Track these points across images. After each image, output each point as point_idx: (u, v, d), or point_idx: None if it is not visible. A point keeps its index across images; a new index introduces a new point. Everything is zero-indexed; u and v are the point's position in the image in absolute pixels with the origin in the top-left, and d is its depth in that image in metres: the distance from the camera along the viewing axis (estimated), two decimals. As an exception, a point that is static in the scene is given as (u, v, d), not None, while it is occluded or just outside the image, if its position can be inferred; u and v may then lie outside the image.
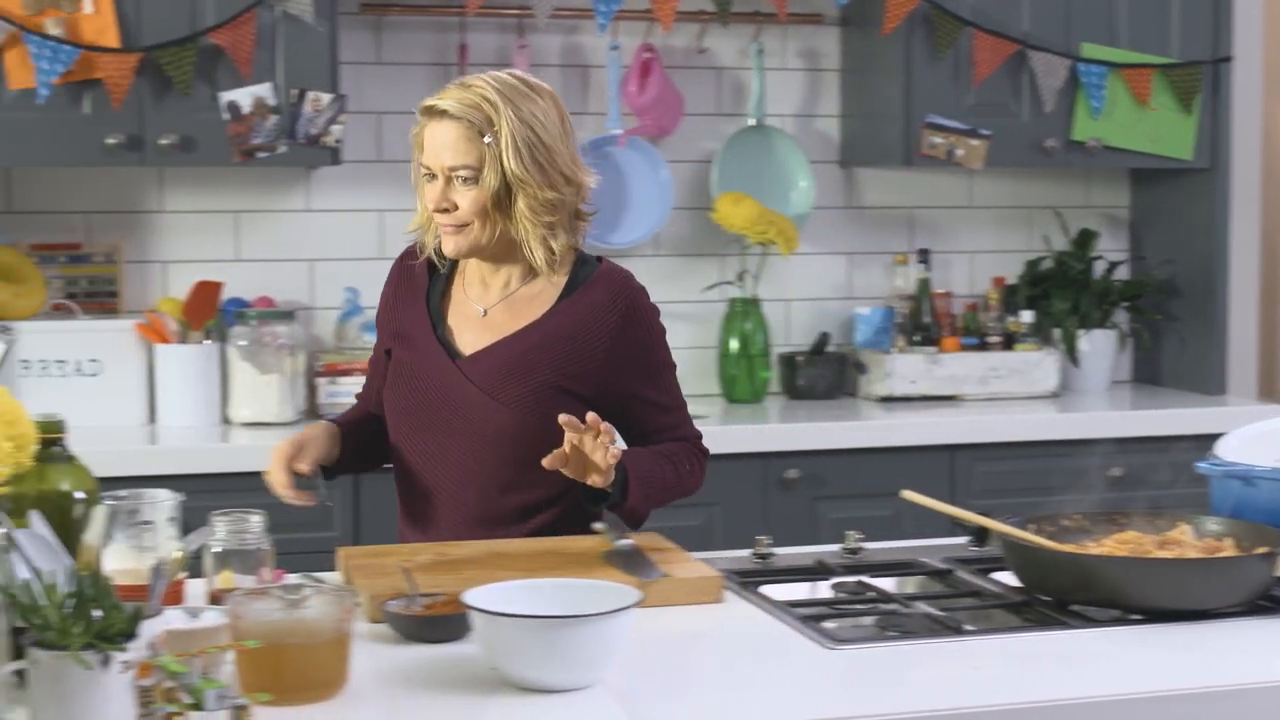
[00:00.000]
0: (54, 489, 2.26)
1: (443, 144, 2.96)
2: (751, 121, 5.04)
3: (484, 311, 3.07)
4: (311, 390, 4.64)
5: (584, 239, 3.10)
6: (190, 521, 2.58)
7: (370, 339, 4.66)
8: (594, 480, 2.87)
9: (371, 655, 2.37)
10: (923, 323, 5.06)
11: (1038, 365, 5.07)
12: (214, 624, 2.29)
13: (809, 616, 2.63)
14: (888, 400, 4.97)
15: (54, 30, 4.13)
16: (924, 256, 5.09)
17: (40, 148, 4.25)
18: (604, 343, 3.04)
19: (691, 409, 4.81)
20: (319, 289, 4.81)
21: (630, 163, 4.94)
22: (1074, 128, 4.95)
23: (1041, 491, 4.31)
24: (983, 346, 5.08)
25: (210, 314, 4.47)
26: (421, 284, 3.12)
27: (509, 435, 2.98)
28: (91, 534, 2.26)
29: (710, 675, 2.38)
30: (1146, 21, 4.98)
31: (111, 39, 4.20)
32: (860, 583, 2.87)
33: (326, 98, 4.37)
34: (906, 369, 4.96)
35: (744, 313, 4.98)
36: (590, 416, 2.81)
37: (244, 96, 4.32)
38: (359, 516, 4.27)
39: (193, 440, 4.34)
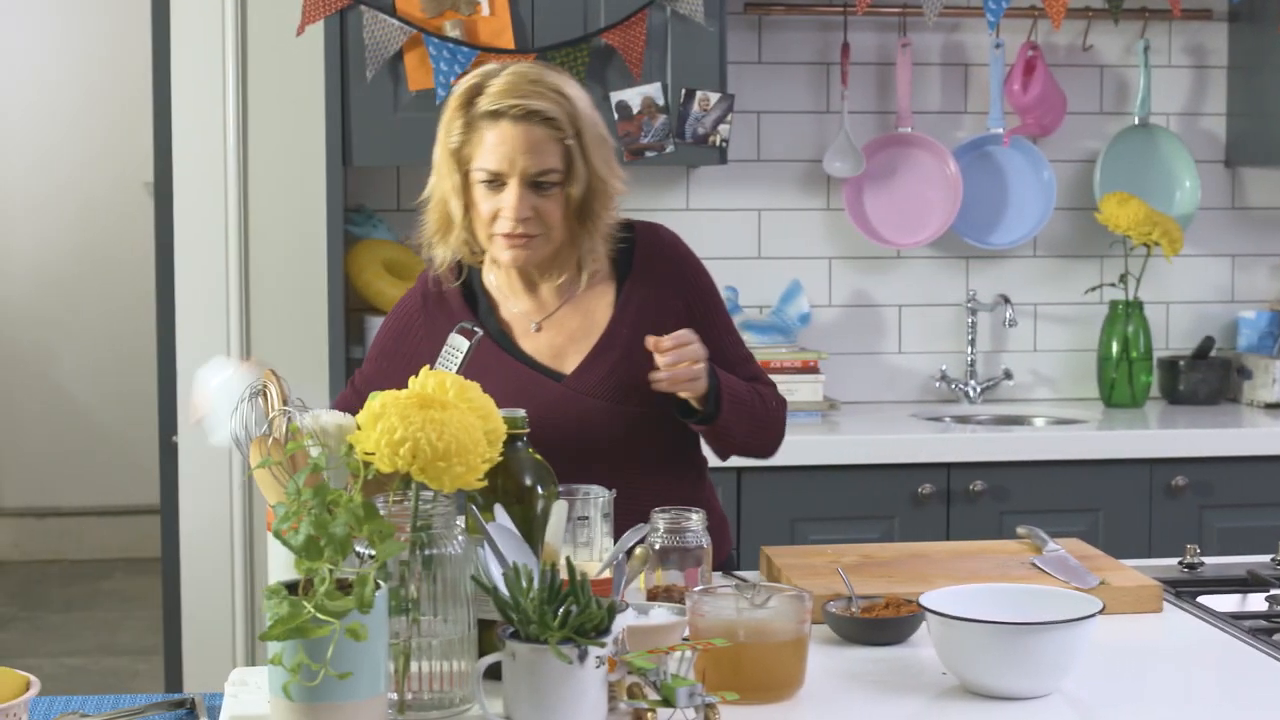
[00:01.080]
0: (518, 484, 2.28)
1: (521, 146, 2.74)
2: (1136, 120, 4.92)
3: (536, 326, 2.91)
4: (690, 389, 4.65)
5: None
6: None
7: (749, 337, 4.68)
8: (686, 391, 2.74)
9: (815, 655, 2.35)
10: (1312, 327, 4.89)
11: None
12: (668, 621, 2.30)
13: (1257, 630, 2.55)
14: (1274, 407, 4.82)
15: (452, 32, 4.21)
16: (1315, 259, 4.93)
17: (436, 147, 4.34)
18: (679, 299, 2.96)
19: (1070, 412, 4.80)
20: (696, 288, 4.83)
21: (1011, 162, 4.87)
22: None
23: None
24: (1372, 352, 4.90)
25: (596, 312, 4.52)
26: (461, 310, 2.91)
27: (649, 432, 2.87)
28: (552, 529, 2.28)
29: (1169, 689, 2.32)
30: None
31: (507, 40, 4.26)
32: (1300, 596, 2.78)
33: (714, 97, 4.38)
34: (1284, 376, 4.81)
35: (1125, 315, 4.86)
36: (683, 334, 2.72)
37: (633, 96, 4.35)
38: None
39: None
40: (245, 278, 4.65)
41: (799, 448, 4.33)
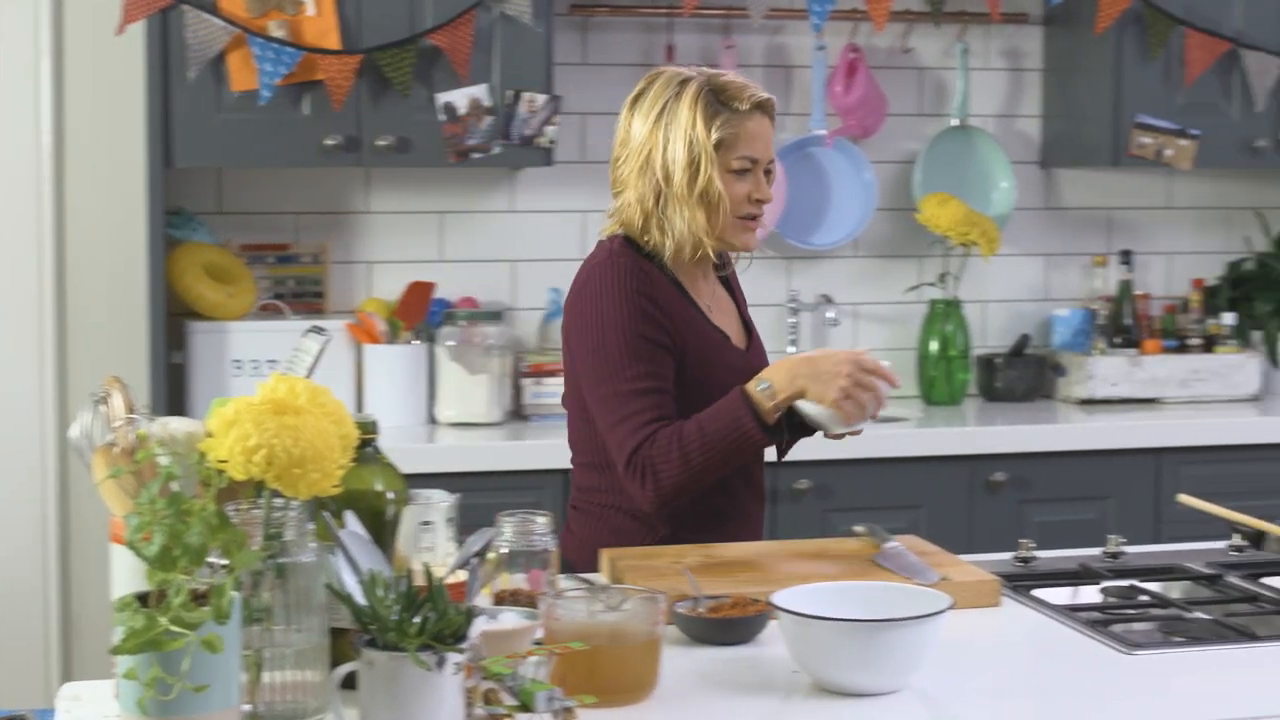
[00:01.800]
0: (369, 489, 2.26)
1: (767, 137, 3.02)
2: (954, 122, 5.00)
3: (708, 307, 3.08)
4: (517, 391, 4.65)
5: None
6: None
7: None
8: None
9: (665, 656, 2.34)
10: (1124, 325, 4.99)
11: (1240, 368, 5.00)
12: (520, 625, 2.29)
13: (1093, 621, 2.60)
14: (1087, 403, 4.92)
15: (277, 32, 4.16)
16: (1126, 258, 5.02)
17: (260, 148, 4.29)
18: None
19: (891, 410, 4.85)
20: (521, 290, 4.82)
21: (833, 163, 4.92)
22: (1286, 127, 4.89)
23: (1249, 495, 4.28)
24: (1182, 349, 5.01)
25: (422, 314, 4.50)
26: (672, 288, 3.03)
27: None
28: (404, 535, 2.26)
29: (1014, 681, 2.35)
30: (1362, 18, 4.91)
31: (333, 41, 4.22)
32: (1132, 587, 2.84)
33: (541, 98, 4.38)
34: (1108, 371, 4.90)
35: (944, 314, 4.94)
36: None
37: (460, 98, 4.33)
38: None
39: (401, 440, 4.36)
40: (60, 282, 4.56)
41: (626, 448, 4.34)
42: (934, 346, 4.95)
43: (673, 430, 2.88)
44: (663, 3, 4.76)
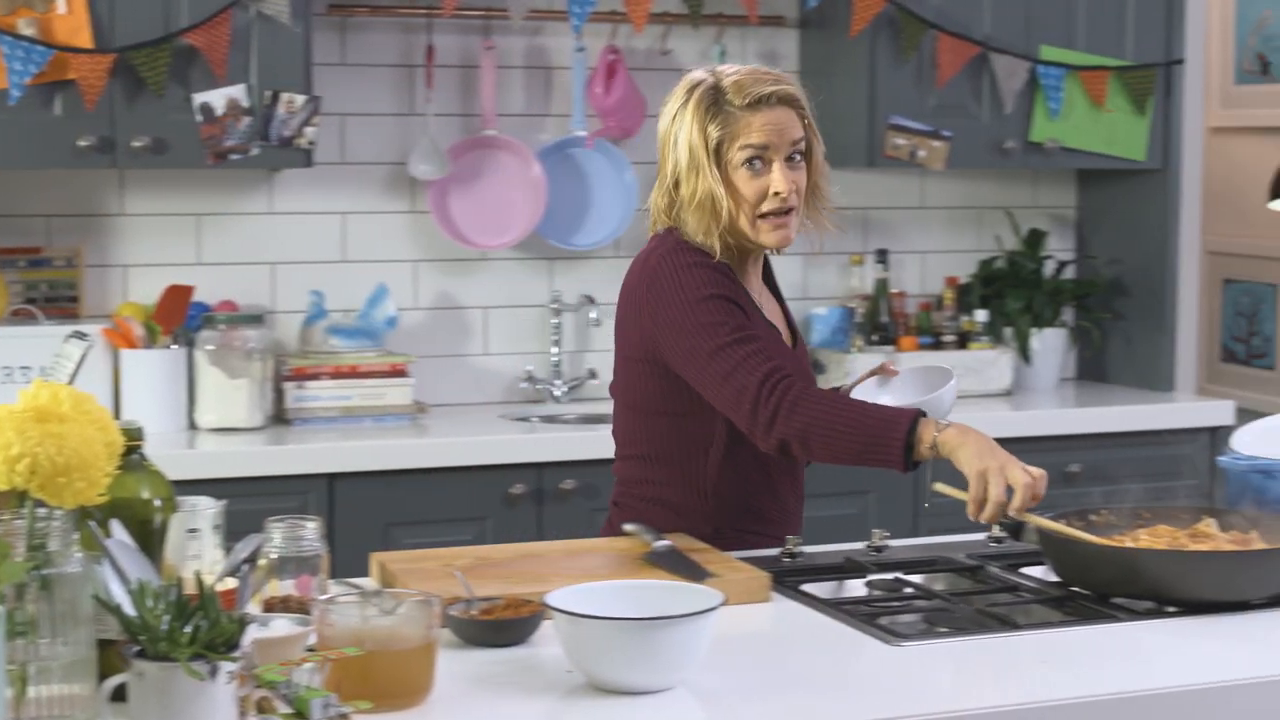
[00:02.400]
0: (135, 497, 2.22)
1: (778, 125, 3.00)
2: (714, 123, 5.04)
3: (760, 302, 3.08)
4: (279, 395, 4.59)
5: None
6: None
7: (336, 342, 4.65)
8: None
9: (439, 660, 2.34)
10: (880, 322, 5.09)
11: (992, 364, 5.13)
12: (292, 632, 2.26)
13: (863, 614, 2.64)
14: (846, 399, 4.99)
15: (26, 30, 4.07)
16: (882, 256, 5.12)
17: (10, 149, 4.18)
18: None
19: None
20: (281, 292, 4.76)
21: (594, 165, 4.94)
22: (1032, 129, 5.01)
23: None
24: (937, 345, 5.12)
25: (181, 318, 4.42)
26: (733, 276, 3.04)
27: None
28: (171, 543, 2.22)
29: (786, 676, 2.38)
30: (1103, 24, 5.06)
31: (85, 39, 4.14)
32: (897, 579, 2.89)
33: (300, 99, 4.34)
34: (867, 368, 4.96)
35: (707, 313, 4.98)
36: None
37: (217, 98, 4.27)
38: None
39: (160, 446, 4.22)
40: None
41: (389, 452, 4.33)
42: (696, 345, 4.98)
43: (832, 393, 2.90)
44: (422, 3, 4.74)
